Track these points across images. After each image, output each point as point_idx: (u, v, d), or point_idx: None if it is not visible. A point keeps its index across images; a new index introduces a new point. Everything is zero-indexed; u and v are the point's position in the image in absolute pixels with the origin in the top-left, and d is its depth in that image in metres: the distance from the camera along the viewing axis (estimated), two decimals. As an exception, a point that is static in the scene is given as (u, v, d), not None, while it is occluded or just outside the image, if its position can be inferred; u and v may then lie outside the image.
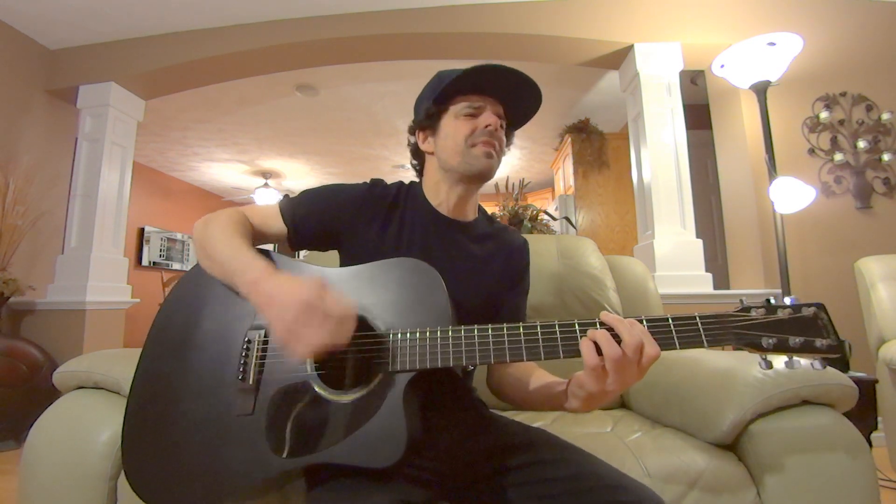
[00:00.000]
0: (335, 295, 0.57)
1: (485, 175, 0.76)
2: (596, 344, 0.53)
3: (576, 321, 0.56)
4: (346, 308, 0.57)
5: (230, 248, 0.66)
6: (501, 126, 0.77)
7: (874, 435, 1.54)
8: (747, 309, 0.53)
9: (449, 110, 0.77)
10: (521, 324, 0.58)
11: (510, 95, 0.76)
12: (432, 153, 0.80)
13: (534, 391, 0.69)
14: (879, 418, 1.64)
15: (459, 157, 0.75)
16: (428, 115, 0.79)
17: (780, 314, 0.52)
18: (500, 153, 0.78)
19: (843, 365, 0.50)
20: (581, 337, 0.55)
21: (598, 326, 0.55)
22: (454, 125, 0.76)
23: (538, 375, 0.72)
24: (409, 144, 0.87)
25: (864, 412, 1.33)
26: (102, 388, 0.89)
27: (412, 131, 0.85)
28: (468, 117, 0.75)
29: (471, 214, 0.82)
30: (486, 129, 0.74)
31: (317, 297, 0.55)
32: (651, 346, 0.52)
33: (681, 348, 0.53)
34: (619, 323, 0.53)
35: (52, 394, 0.94)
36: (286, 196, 0.80)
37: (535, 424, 0.76)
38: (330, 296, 0.57)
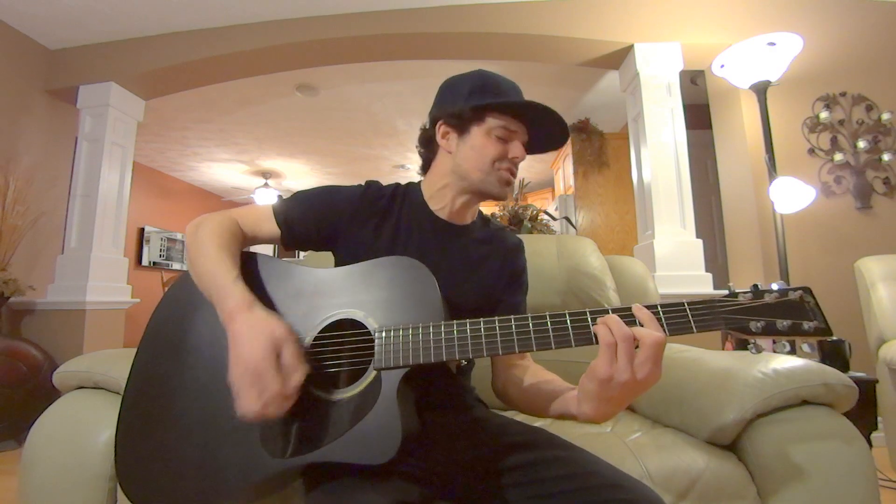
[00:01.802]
0: (291, 359, 0.57)
1: (497, 198, 0.77)
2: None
3: (566, 312, 0.57)
4: (290, 384, 0.56)
5: (212, 267, 0.65)
6: (524, 156, 0.78)
7: (874, 435, 1.54)
8: (735, 294, 0.55)
9: (485, 121, 0.75)
10: (511, 317, 0.58)
11: (540, 129, 0.77)
12: (450, 153, 0.78)
13: (541, 395, 0.68)
14: (879, 418, 1.64)
15: (481, 174, 0.75)
16: (460, 116, 0.76)
17: (767, 298, 0.53)
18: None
19: (843, 365, 0.51)
20: (573, 327, 0.55)
21: (588, 317, 0.56)
22: (484, 142, 0.74)
23: (546, 379, 0.71)
24: (422, 128, 0.83)
25: (864, 412, 1.33)
26: (102, 388, 0.89)
27: (435, 120, 0.80)
28: (500, 140, 0.75)
29: (469, 218, 0.82)
30: (514, 159, 0.75)
31: (266, 365, 0.55)
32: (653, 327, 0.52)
33: (670, 335, 0.53)
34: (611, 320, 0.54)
35: (52, 394, 0.94)
36: (280, 197, 0.80)
37: (535, 424, 0.76)
38: (285, 361, 0.56)
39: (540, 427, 0.72)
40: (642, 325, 0.52)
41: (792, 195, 1.88)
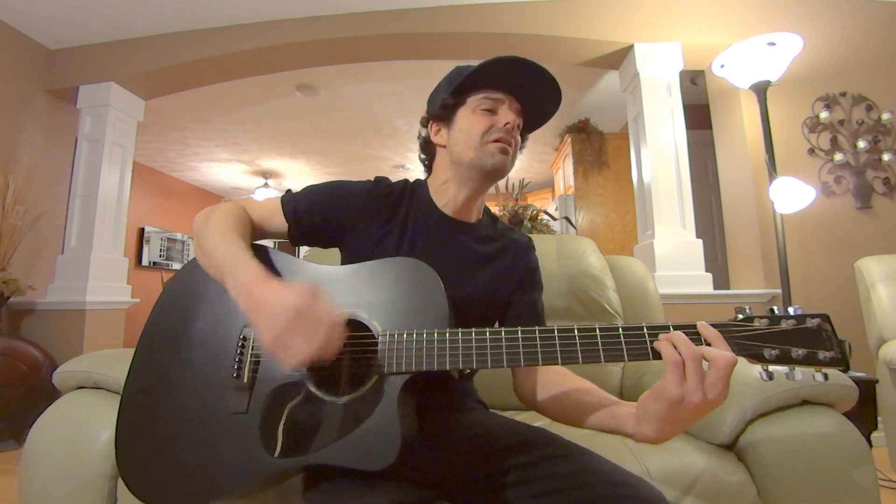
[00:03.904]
0: (326, 303, 0.56)
1: (497, 172, 0.74)
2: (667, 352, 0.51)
3: (574, 327, 0.56)
4: (336, 318, 0.55)
5: (225, 246, 0.64)
6: (518, 126, 0.75)
7: (874, 435, 1.54)
8: (750, 319, 0.53)
9: (466, 103, 0.75)
10: (518, 328, 0.57)
11: (529, 94, 0.75)
12: (444, 146, 0.78)
13: (582, 406, 0.66)
14: (879, 418, 1.64)
15: (473, 151, 0.73)
16: (444, 107, 0.76)
17: (784, 325, 0.51)
18: (515, 153, 0.76)
19: (844, 365, 0.50)
20: (626, 342, 0.54)
21: (645, 333, 0.54)
22: (470, 119, 0.74)
23: (583, 388, 0.68)
24: (419, 137, 0.84)
25: (864, 412, 1.33)
26: (102, 388, 0.89)
27: (424, 123, 0.81)
28: (486, 112, 0.73)
29: (475, 216, 0.81)
30: (504, 126, 0.72)
31: (307, 306, 0.54)
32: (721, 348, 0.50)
33: None
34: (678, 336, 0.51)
35: (52, 394, 0.94)
36: (288, 191, 0.79)
37: (536, 424, 0.75)
38: (321, 304, 0.56)
39: (540, 427, 0.72)
40: (709, 344, 0.51)
41: (792, 195, 1.88)
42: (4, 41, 2.49)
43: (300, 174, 5.72)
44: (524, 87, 0.74)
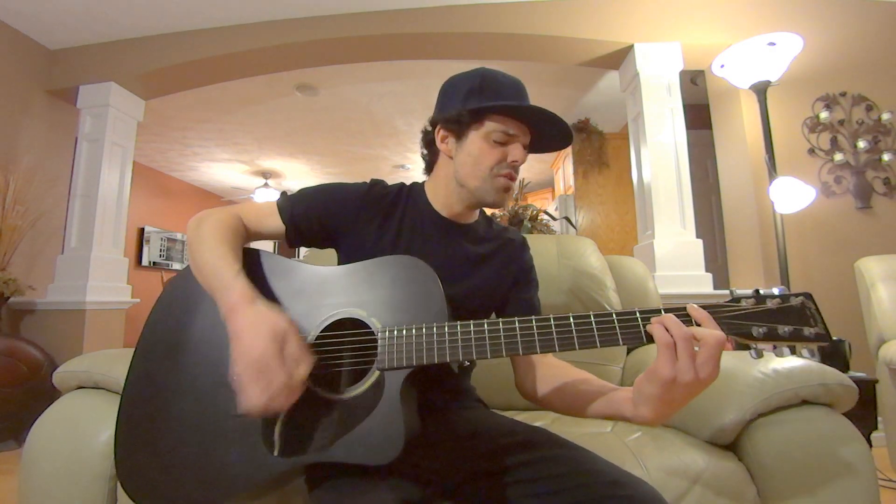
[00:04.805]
0: (296, 349, 0.56)
1: (494, 206, 0.76)
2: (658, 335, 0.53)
3: (570, 315, 0.57)
4: (298, 372, 0.55)
5: (213, 261, 0.64)
6: (523, 161, 0.75)
7: (874, 435, 1.54)
8: (737, 299, 0.55)
9: (483, 125, 0.72)
10: (516, 318, 0.58)
11: (542, 130, 0.75)
12: (450, 157, 0.77)
13: (580, 395, 0.67)
14: (879, 418, 1.64)
15: (479, 181, 0.73)
16: (458, 120, 0.74)
17: (770, 304, 0.53)
18: (515, 186, 0.77)
19: (843, 365, 0.51)
20: (620, 327, 0.55)
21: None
22: (482, 147, 0.72)
23: (582, 378, 0.70)
24: (423, 131, 0.81)
25: (864, 412, 1.33)
26: (102, 388, 0.89)
27: (433, 124, 0.79)
28: (498, 144, 0.72)
29: (471, 218, 0.82)
30: (512, 163, 0.73)
31: (273, 354, 0.54)
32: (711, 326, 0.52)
33: None
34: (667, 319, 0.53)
35: (52, 394, 0.94)
36: (284, 193, 0.79)
37: (536, 424, 0.75)
38: (289, 350, 0.56)
39: (539, 426, 0.72)
40: (699, 325, 0.52)
41: (792, 195, 1.88)
42: (4, 41, 2.49)
43: (300, 174, 5.72)
44: (541, 126, 0.74)
